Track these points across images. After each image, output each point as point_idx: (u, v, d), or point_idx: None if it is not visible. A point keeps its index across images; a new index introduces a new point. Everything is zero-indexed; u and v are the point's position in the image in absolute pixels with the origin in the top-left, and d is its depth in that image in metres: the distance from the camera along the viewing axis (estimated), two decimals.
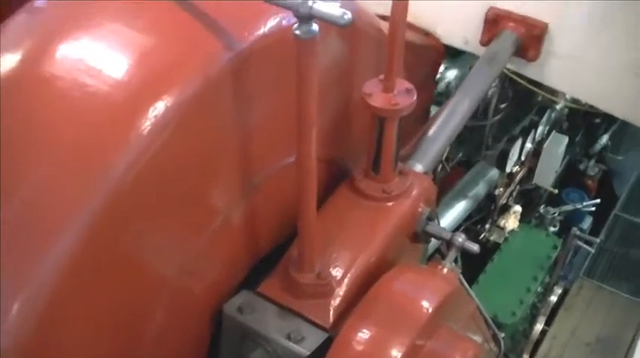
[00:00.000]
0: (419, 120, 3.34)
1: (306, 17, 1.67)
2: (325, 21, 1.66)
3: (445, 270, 2.48)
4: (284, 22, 2.00)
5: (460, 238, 2.54)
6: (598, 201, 5.73)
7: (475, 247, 2.55)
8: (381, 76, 2.32)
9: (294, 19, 1.71)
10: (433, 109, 3.76)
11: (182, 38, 1.91)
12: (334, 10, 1.65)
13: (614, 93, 3.42)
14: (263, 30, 1.98)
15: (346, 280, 2.28)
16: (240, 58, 1.93)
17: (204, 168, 1.98)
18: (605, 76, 3.38)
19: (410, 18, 2.94)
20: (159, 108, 1.77)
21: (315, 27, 1.70)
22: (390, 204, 2.48)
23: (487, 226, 4.65)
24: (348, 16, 1.66)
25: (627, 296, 6.50)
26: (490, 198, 4.50)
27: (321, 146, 2.33)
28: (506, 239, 4.72)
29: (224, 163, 2.05)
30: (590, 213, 6.00)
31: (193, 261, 2.06)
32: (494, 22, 3.47)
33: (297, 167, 2.01)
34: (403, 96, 2.31)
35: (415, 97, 2.32)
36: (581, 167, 6.31)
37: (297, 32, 1.71)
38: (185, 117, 1.83)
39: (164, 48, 1.89)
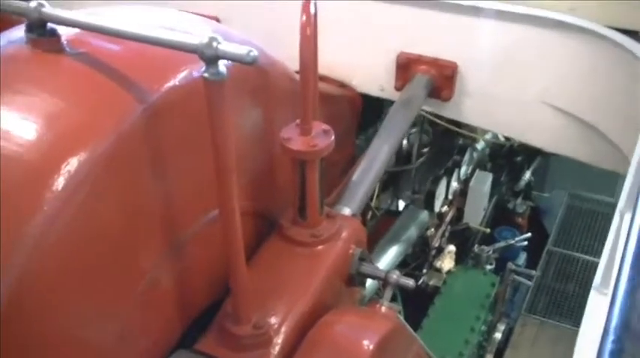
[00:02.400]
0: (344, 174, 3.37)
1: (212, 59, 1.68)
2: (231, 60, 1.67)
3: (383, 309, 2.47)
4: (194, 73, 2.00)
5: (395, 275, 2.54)
6: (529, 235, 5.85)
7: (410, 282, 2.55)
8: (298, 121, 2.34)
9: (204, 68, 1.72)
10: None
11: (91, 95, 1.88)
12: (239, 49, 1.67)
13: (527, 123, 3.53)
14: (173, 81, 1.98)
15: (284, 328, 2.24)
16: (152, 111, 1.90)
17: (124, 228, 1.91)
18: (517, 108, 3.49)
19: (325, 71, 3.02)
20: (72, 167, 1.73)
21: (222, 68, 1.71)
22: (320, 248, 2.47)
23: (424, 270, 4.68)
24: (254, 53, 1.67)
25: (571, 327, 6.59)
26: (423, 240, 4.54)
27: (246, 199, 2.33)
28: (445, 281, 4.76)
29: (145, 221, 2.00)
30: (524, 248, 6.11)
31: (123, 325, 1.99)
32: (406, 66, 3.56)
33: (220, 216, 1.99)
34: (321, 138, 2.33)
35: (333, 137, 2.34)
36: (510, 206, 6.46)
37: (206, 75, 1.71)
38: (100, 175, 1.79)
39: (73, 106, 1.86)
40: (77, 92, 1.88)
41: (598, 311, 1.82)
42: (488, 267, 5.17)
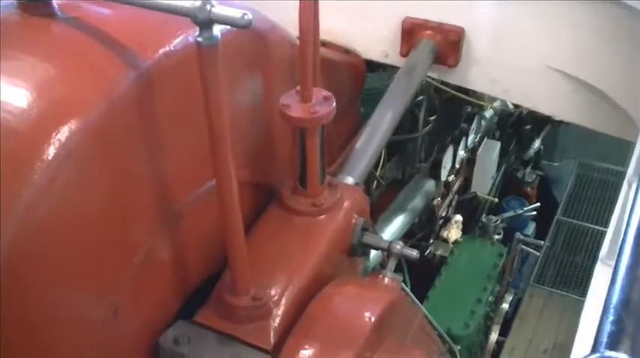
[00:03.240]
0: (347, 142, 3.31)
1: (206, 23, 1.61)
2: (225, 23, 1.61)
3: (386, 280, 2.42)
4: (189, 39, 1.93)
5: (398, 245, 2.49)
6: (538, 204, 5.77)
7: (414, 253, 2.50)
8: (298, 87, 2.28)
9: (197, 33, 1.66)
10: None
11: (83, 62, 1.82)
12: (233, 12, 1.60)
13: (535, 89, 3.45)
14: (167, 47, 1.91)
15: (284, 299, 2.20)
16: (145, 78, 1.84)
17: (117, 199, 1.86)
18: (524, 74, 3.41)
19: (327, 36, 2.93)
20: (63, 136, 1.67)
21: (216, 33, 1.65)
22: (321, 217, 2.42)
23: (431, 240, 4.62)
24: (248, 16, 1.61)
25: (579, 298, 6.55)
26: (430, 210, 4.49)
27: (244, 168, 2.27)
28: (452, 252, 4.70)
29: (139, 192, 1.95)
30: (533, 219, 6.04)
31: (118, 300, 1.94)
32: (410, 32, 3.48)
33: (217, 186, 1.93)
34: (322, 105, 2.26)
35: (334, 104, 2.27)
36: (519, 175, 6.38)
37: (199, 39, 1.65)
38: (91, 144, 1.73)
39: (64, 73, 1.80)
40: (68, 58, 1.82)
41: (604, 283, 1.76)
42: (496, 237, 5.10)
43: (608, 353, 0.95)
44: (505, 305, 4.97)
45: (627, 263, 1.05)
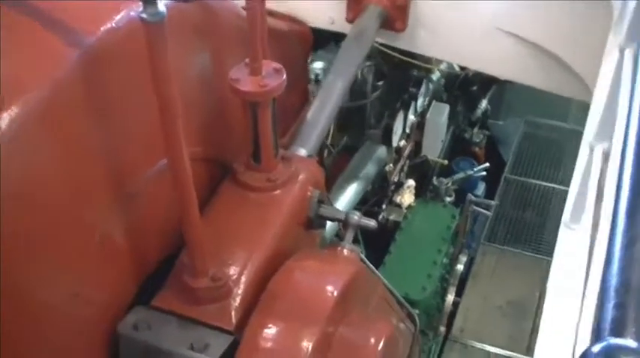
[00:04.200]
0: (298, 113, 3.26)
1: None
2: None
3: (345, 252, 2.39)
4: (134, 14, 1.85)
5: (355, 216, 2.46)
6: (487, 165, 5.81)
7: (372, 223, 2.47)
8: (247, 60, 2.21)
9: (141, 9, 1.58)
10: None
11: (23, 41, 1.74)
12: None
13: (484, 52, 3.43)
14: (111, 23, 1.83)
15: (243, 278, 2.16)
16: (89, 56, 1.77)
17: (67, 182, 1.80)
18: (472, 37, 3.39)
19: (273, 5, 2.85)
20: (7, 118, 1.59)
21: (162, 8, 1.57)
22: (277, 192, 2.37)
23: (384, 206, 4.61)
24: None
25: (530, 254, 6.66)
26: (382, 176, 4.47)
27: (196, 145, 2.20)
28: (405, 216, 4.70)
29: (90, 173, 1.88)
30: (483, 179, 6.08)
31: (76, 282, 1.89)
32: None
33: (169, 165, 1.87)
34: (272, 77, 2.20)
35: (285, 76, 2.21)
36: (467, 136, 6.42)
37: (144, 15, 1.58)
38: (37, 125, 1.66)
39: (4, 55, 1.71)
40: (7, 39, 1.73)
41: (568, 247, 1.76)
42: (448, 199, 5.13)
43: (614, 340, 0.92)
44: (460, 267, 5.01)
45: (621, 242, 1.03)
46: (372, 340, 2.19)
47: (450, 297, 4.96)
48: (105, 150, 1.90)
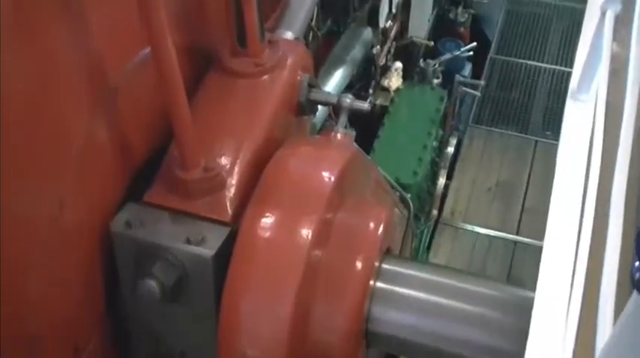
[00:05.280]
0: None
1: None
2: None
3: (339, 136, 2.31)
4: None
5: (348, 99, 2.37)
6: (475, 44, 5.68)
7: (365, 105, 2.38)
8: None
9: None
10: None
11: None
12: None
13: None
14: None
15: (237, 168, 2.08)
16: None
17: (42, 87, 1.68)
18: None
19: None
20: None
21: None
22: (265, 77, 2.26)
23: (371, 90, 4.51)
24: None
25: (517, 134, 6.63)
26: (369, 59, 4.34)
27: (176, 33, 2.07)
28: (392, 100, 4.61)
29: (65, 75, 1.76)
30: (469, 59, 5.97)
31: (61, 191, 1.80)
32: None
33: (152, 53, 1.76)
34: None
35: None
36: (451, 16, 6.25)
37: None
38: (8, 30, 1.53)
39: None
40: None
41: (575, 119, 1.68)
42: (435, 81, 5.03)
43: None
44: (450, 149, 4.98)
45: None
46: (372, 225, 2.14)
47: (442, 180, 4.94)
48: (78, 48, 1.78)
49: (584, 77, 1.72)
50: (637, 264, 0.86)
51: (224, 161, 2.07)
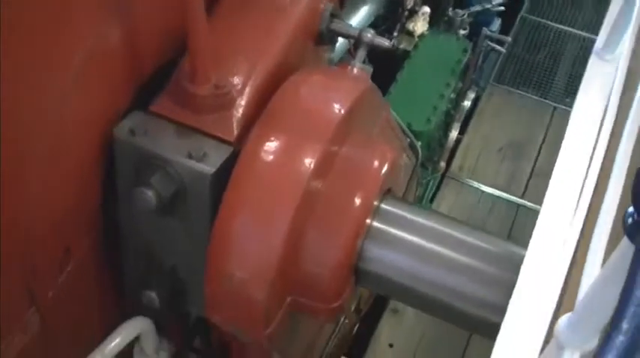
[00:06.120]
0: None
1: None
2: None
3: (355, 70, 2.27)
4: None
5: (369, 34, 2.32)
6: None
7: (386, 42, 2.33)
8: None
9: None
10: None
11: None
12: None
13: None
14: None
15: (247, 88, 2.04)
16: None
17: None
18: None
19: None
20: None
21: None
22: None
23: (395, 33, 4.42)
24: None
25: (536, 98, 6.56)
26: (396, 0, 4.25)
27: None
28: (415, 45, 4.53)
29: None
30: (499, 15, 5.85)
31: (70, 82, 1.77)
32: None
33: None
34: None
35: None
36: None
37: None
38: None
39: None
40: None
41: (596, 77, 1.63)
42: (462, 32, 4.93)
43: None
44: (467, 103, 4.90)
45: None
46: (376, 163, 2.12)
47: (454, 133, 4.89)
48: None
49: (611, 37, 1.66)
50: (630, 209, 0.84)
51: (236, 80, 2.03)
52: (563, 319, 1.09)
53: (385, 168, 2.11)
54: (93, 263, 2.10)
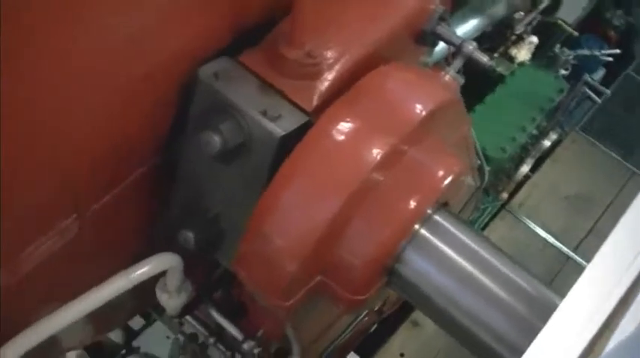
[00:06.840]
0: None
1: None
2: None
3: (447, 77, 2.24)
4: None
5: (471, 46, 2.29)
6: (618, 51, 5.41)
7: (485, 58, 2.30)
8: None
9: None
10: None
11: None
12: None
13: None
14: None
15: (338, 66, 2.04)
16: None
17: None
18: None
19: None
20: None
21: None
22: None
23: (496, 55, 4.36)
24: None
25: (618, 158, 6.39)
26: (508, 22, 4.18)
27: None
28: (512, 72, 4.46)
29: None
30: (604, 65, 5.72)
31: (160, 18, 1.81)
32: None
33: None
34: None
35: None
36: (607, 15, 5.95)
37: None
38: None
39: None
40: None
41: None
42: (563, 71, 4.84)
43: None
44: (547, 143, 4.82)
45: None
46: (441, 172, 2.09)
47: (525, 168, 4.81)
48: None
49: None
50: None
51: (329, 54, 2.03)
52: None
53: (448, 180, 2.08)
54: (140, 192, 2.12)
